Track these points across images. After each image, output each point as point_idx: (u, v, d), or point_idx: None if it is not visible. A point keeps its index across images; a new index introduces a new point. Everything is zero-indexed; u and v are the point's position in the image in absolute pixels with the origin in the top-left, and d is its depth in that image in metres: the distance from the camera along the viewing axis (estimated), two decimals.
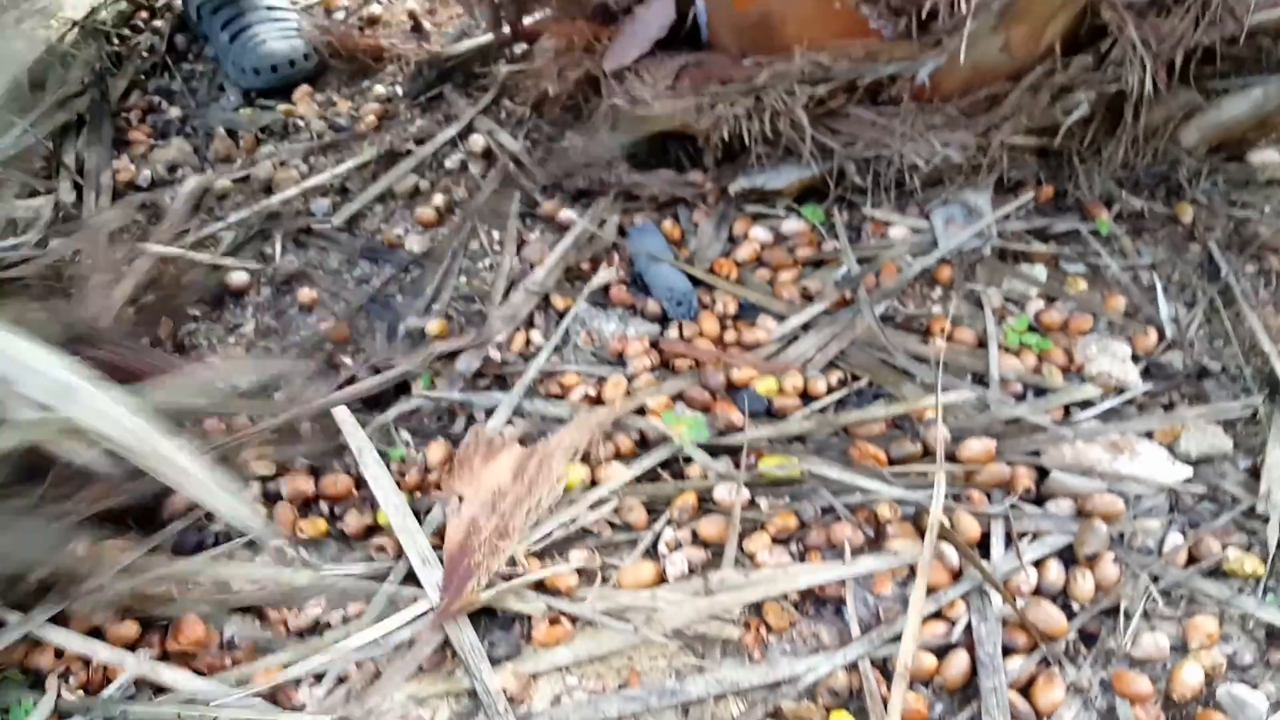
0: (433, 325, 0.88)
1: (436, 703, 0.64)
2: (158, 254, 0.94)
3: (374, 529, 0.74)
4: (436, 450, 0.77)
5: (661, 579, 0.69)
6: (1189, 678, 0.62)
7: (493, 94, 1.12)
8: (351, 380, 0.83)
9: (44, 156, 1.10)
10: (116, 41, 1.28)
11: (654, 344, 0.85)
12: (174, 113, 1.18)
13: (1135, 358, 0.82)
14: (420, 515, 0.73)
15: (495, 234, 0.98)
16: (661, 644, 0.65)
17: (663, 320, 0.87)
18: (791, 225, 0.93)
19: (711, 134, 0.91)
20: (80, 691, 0.66)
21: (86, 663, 0.67)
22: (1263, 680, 0.65)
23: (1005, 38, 0.85)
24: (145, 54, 1.26)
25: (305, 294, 0.93)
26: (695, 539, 0.71)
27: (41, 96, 1.17)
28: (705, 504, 0.73)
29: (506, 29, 1.11)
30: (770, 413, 0.79)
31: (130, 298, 0.90)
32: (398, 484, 0.75)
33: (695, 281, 0.89)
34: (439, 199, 1.02)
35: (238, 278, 0.95)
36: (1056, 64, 0.86)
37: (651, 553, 0.71)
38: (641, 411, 0.79)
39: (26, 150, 1.10)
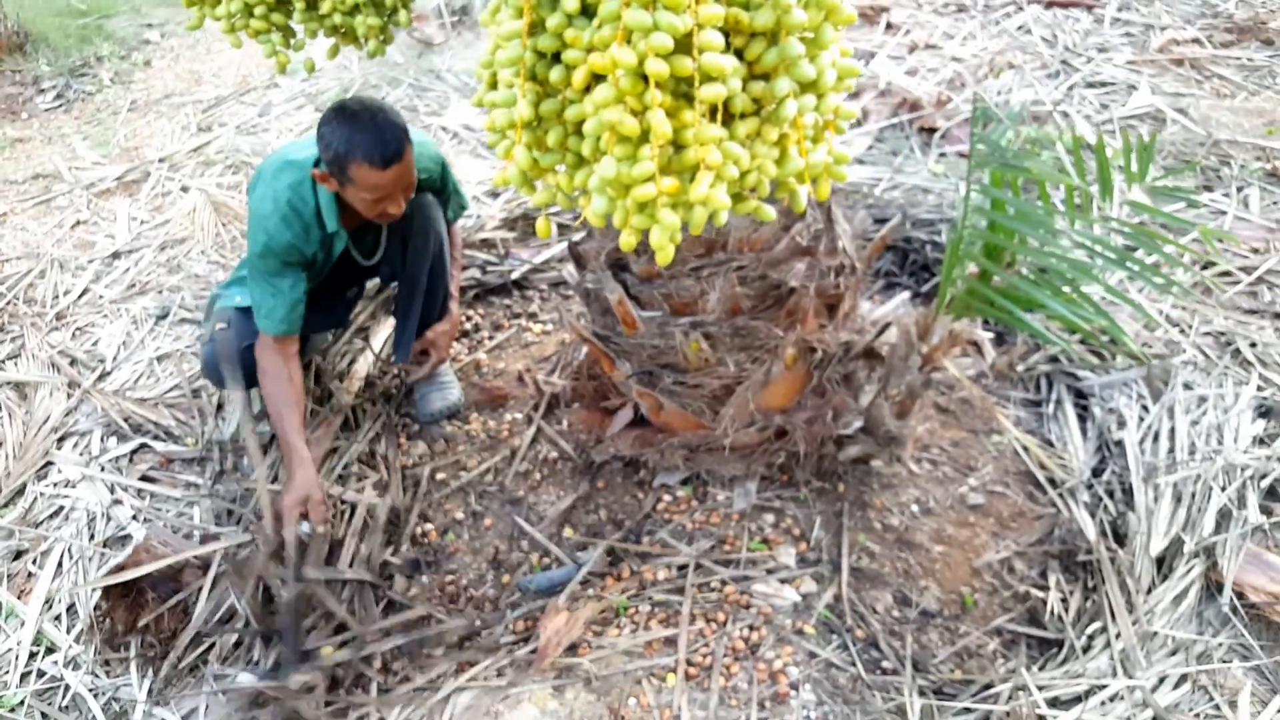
0: (569, 531, 2.32)
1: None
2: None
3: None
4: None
5: None
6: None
7: (542, 410, 2.58)
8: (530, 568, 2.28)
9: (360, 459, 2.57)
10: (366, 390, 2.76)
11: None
12: (415, 427, 2.65)
13: (798, 556, 2.24)
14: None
15: (559, 493, 2.42)
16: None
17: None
18: (681, 493, 2.37)
19: (648, 462, 2.36)
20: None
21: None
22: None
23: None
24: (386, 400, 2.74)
25: (488, 521, 2.38)
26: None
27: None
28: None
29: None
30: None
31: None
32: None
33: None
34: (537, 474, 2.46)
35: (459, 518, 2.39)
36: (771, 448, 2.30)
37: None
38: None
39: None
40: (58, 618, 2.25)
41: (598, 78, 1.07)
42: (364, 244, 2.41)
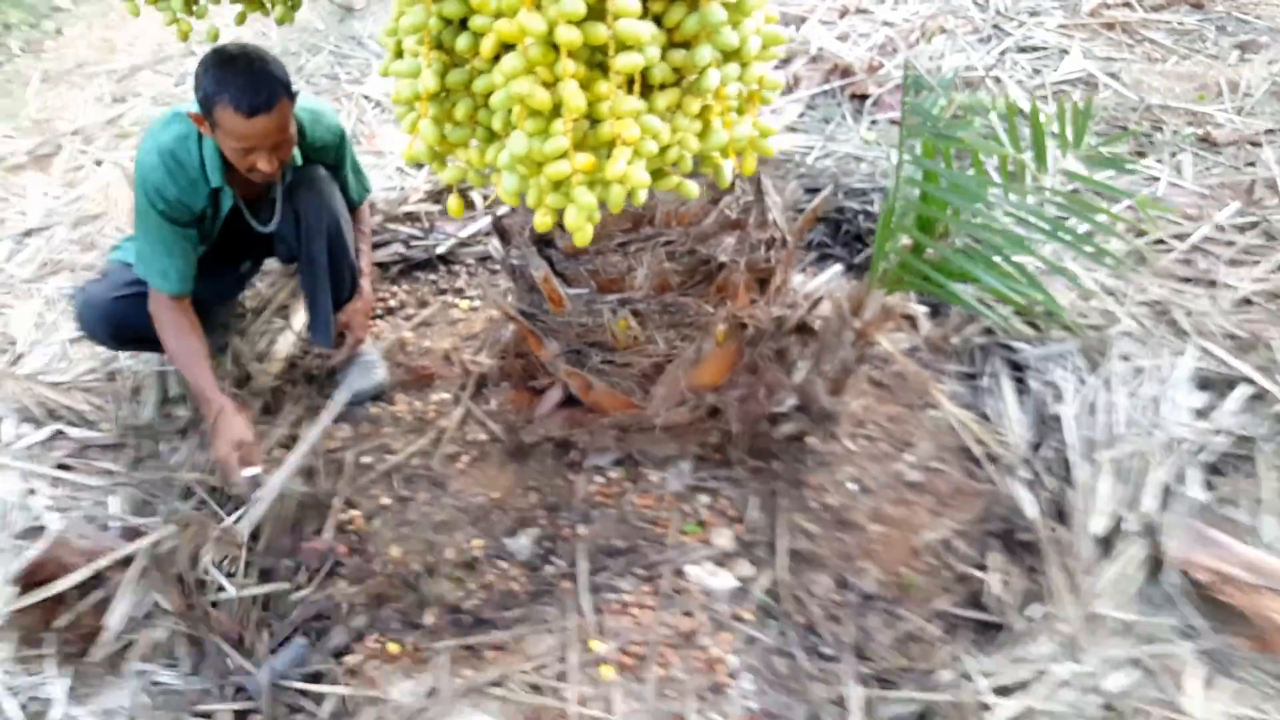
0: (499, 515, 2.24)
1: None
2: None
3: None
4: None
5: None
6: None
7: (470, 390, 2.49)
8: None
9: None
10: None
11: None
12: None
13: (735, 538, 2.19)
14: None
15: (491, 472, 2.34)
16: None
17: None
18: (614, 474, 2.30)
19: (578, 443, 2.29)
20: None
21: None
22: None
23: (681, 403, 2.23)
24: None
25: (423, 497, 2.29)
26: None
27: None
28: None
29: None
30: None
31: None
32: None
33: None
34: (465, 457, 2.37)
35: (385, 503, 2.30)
36: (704, 426, 2.24)
37: None
38: None
39: None
40: None
41: (507, 46, 0.98)
42: (258, 210, 2.31)
